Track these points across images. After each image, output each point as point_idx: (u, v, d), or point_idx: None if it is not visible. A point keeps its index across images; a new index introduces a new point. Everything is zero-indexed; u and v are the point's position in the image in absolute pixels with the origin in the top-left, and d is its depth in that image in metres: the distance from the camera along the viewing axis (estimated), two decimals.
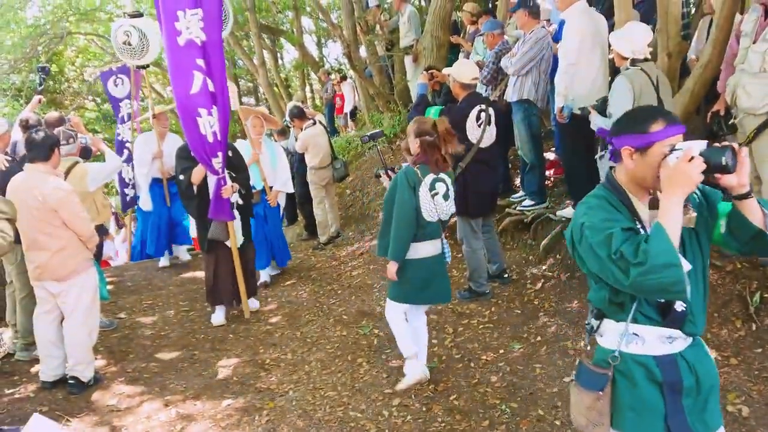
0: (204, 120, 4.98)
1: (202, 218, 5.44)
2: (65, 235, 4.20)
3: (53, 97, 17.78)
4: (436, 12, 9.44)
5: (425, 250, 3.96)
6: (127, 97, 8.15)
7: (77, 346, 4.37)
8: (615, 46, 4.48)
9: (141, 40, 6.70)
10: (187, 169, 5.29)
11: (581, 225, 1.98)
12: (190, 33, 4.82)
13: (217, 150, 5.12)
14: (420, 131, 3.95)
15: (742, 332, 3.77)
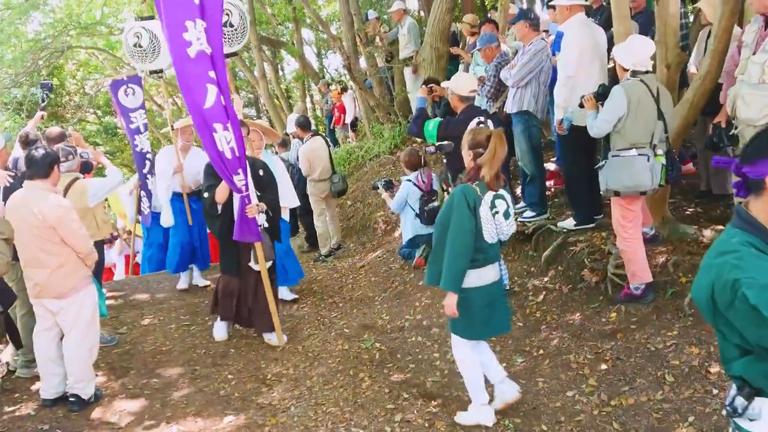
0: (220, 135, 4.65)
1: (225, 239, 5.12)
2: (64, 252, 4.19)
3: (54, 111, 17.86)
4: (435, 23, 9.50)
5: (488, 276, 3.60)
6: (141, 107, 7.80)
7: (77, 364, 4.35)
8: (617, 57, 4.48)
9: (152, 41, 6.43)
10: (212, 186, 5.03)
11: (734, 282, 1.60)
12: (201, 44, 4.54)
13: (237, 167, 4.77)
14: (474, 142, 3.59)
15: None
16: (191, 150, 6.86)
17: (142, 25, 6.43)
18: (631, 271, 4.53)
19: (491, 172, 3.48)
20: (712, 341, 3.85)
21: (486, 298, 3.57)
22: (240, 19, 5.78)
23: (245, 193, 4.86)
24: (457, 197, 3.47)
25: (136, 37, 6.38)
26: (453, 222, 3.44)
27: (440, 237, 3.53)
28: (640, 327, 4.31)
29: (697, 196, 5.80)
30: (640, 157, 4.29)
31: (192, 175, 6.73)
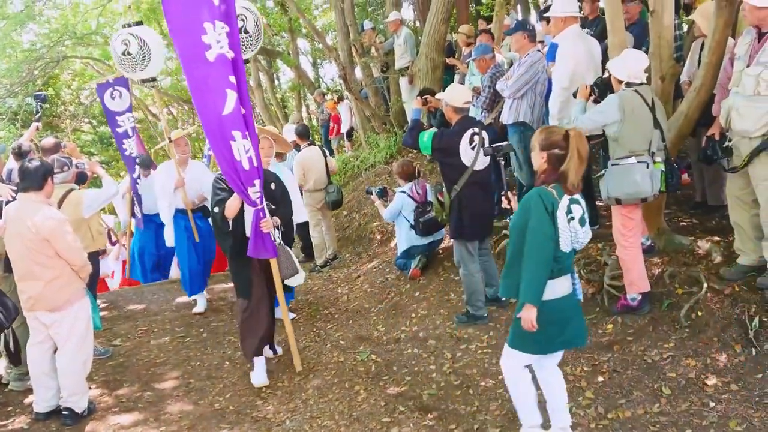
0: (238, 144, 4.34)
1: (238, 257, 4.77)
2: (58, 265, 4.17)
3: (50, 121, 17.84)
4: (430, 34, 9.53)
5: (560, 289, 3.28)
6: (128, 110, 7.66)
7: (71, 377, 4.32)
8: (612, 70, 4.53)
9: (141, 48, 6.08)
10: (222, 201, 4.66)
11: None
12: (221, 47, 4.26)
13: (254, 178, 4.47)
14: (548, 143, 3.26)
15: (741, 357, 3.74)
16: (189, 163, 6.63)
17: (129, 31, 6.13)
18: (629, 281, 4.52)
19: (577, 176, 3.19)
20: (708, 353, 3.85)
21: (556, 313, 3.24)
22: (255, 25, 5.69)
23: (260, 206, 4.56)
24: (534, 201, 3.17)
25: (124, 45, 6.08)
26: (531, 228, 3.14)
27: (516, 245, 3.24)
28: (636, 339, 4.29)
29: (692, 207, 5.81)
30: (639, 164, 4.31)
31: (195, 189, 6.50)
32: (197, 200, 6.57)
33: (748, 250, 4.24)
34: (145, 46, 6.07)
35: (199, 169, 6.72)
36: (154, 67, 6.27)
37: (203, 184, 6.40)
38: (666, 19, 4.60)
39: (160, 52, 6.30)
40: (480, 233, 5.30)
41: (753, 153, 3.88)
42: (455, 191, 5.11)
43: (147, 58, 6.12)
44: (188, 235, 6.51)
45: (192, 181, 6.47)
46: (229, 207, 4.61)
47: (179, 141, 6.53)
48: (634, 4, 5.91)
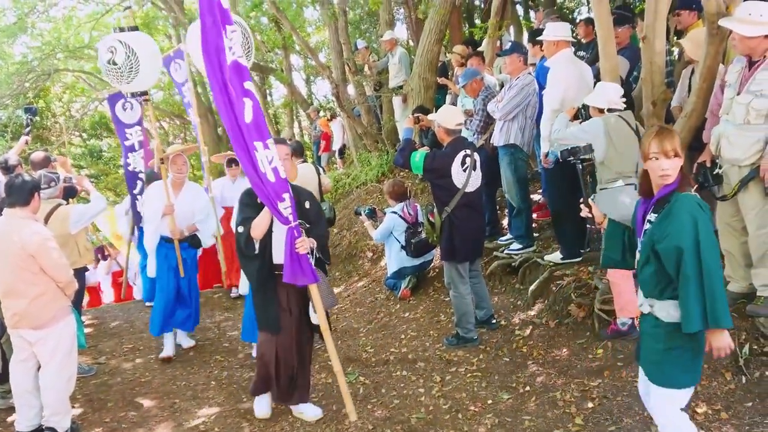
0: (261, 155, 3.94)
1: (264, 287, 4.17)
2: (43, 282, 4.11)
3: (39, 134, 17.74)
4: (424, 54, 9.59)
5: None
6: (138, 123, 7.53)
7: (54, 396, 4.24)
8: (590, 102, 4.64)
9: (128, 58, 5.30)
10: (248, 219, 4.09)
11: None
12: (234, 53, 3.95)
13: (282, 191, 3.98)
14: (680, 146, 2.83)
15: (732, 385, 3.72)
16: (185, 186, 5.92)
17: (117, 38, 5.40)
18: (619, 305, 4.51)
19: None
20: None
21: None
22: (244, 39, 5.00)
23: (293, 223, 4.02)
24: (701, 211, 2.68)
25: (110, 53, 5.34)
26: (707, 242, 2.64)
27: (693, 266, 2.63)
28: (626, 364, 4.27)
29: None
30: (627, 186, 4.35)
31: (185, 217, 5.83)
32: (186, 230, 5.87)
33: (738, 277, 4.24)
34: (133, 55, 5.33)
35: (194, 193, 6.00)
36: (143, 80, 5.53)
37: (196, 212, 5.92)
38: (657, 45, 4.64)
39: (152, 64, 5.55)
40: (471, 255, 5.28)
41: (743, 182, 3.89)
42: (446, 212, 5.10)
43: (134, 70, 5.38)
44: (169, 266, 5.80)
45: (183, 207, 5.80)
46: (256, 226, 4.05)
47: (176, 158, 5.83)
48: (625, 29, 5.96)
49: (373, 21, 15.43)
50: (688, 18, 5.61)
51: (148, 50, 5.50)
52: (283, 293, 4.17)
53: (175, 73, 7.71)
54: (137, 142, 7.50)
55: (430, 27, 9.56)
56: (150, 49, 5.56)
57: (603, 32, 4.90)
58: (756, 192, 3.89)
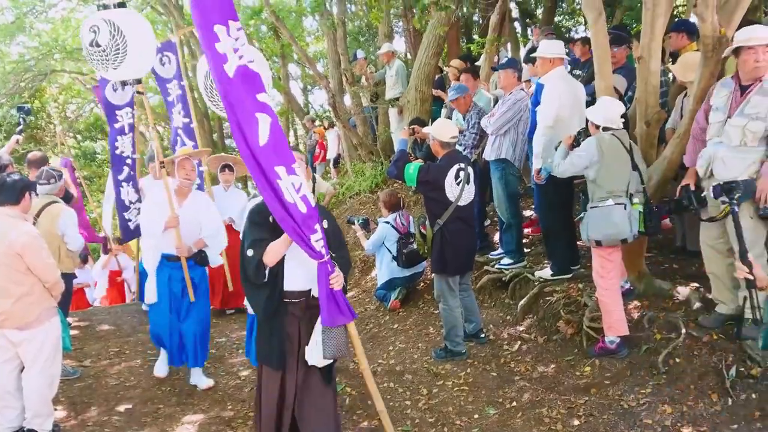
0: (285, 183, 3.27)
1: (271, 319, 3.51)
2: (29, 282, 4.07)
3: (34, 134, 17.68)
4: (421, 67, 9.66)
5: None
6: (129, 104, 7.05)
7: (36, 398, 4.19)
8: (589, 116, 4.68)
9: (113, 38, 4.50)
10: (260, 242, 3.42)
11: None
12: (240, 57, 3.20)
13: (314, 221, 3.35)
14: None
15: (717, 407, 3.72)
16: (192, 195, 5.13)
17: (102, 16, 4.60)
18: (607, 323, 4.52)
19: None
20: (685, 401, 3.82)
21: None
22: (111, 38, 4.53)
23: (326, 258, 3.41)
24: None
25: (92, 33, 4.54)
26: None
27: None
28: (613, 383, 4.27)
29: (672, 252, 5.84)
30: (617, 206, 4.38)
31: (192, 232, 4.99)
32: (195, 246, 5.03)
33: (725, 299, 4.26)
34: (119, 35, 4.52)
35: (200, 203, 5.15)
36: (133, 65, 4.69)
37: (204, 225, 5.08)
38: (653, 65, 4.67)
39: (143, 47, 4.73)
40: (461, 268, 5.28)
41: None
42: (438, 225, 5.10)
43: (121, 53, 4.57)
44: (172, 293, 4.95)
45: (189, 220, 4.96)
46: (271, 252, 3.39)
47: (184, 163, 5.00)
48: (621, 49, 6.00)
49: (372, 33, 15.51)
50: (677, 40, 5.67)
51: (139, 30, 4.71)
52: (293, 325, 3.52)
53: (161, 68, 6.84)
54: (127, 124, 7.02)
55: (428, 41, 9.63)
56: (140, 29, 4.75)
57: (599, 52, 4.93)
58: (747, 213, 3.92)
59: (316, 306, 3.44)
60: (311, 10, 12.48)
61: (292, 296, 3.50)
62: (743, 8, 4.16)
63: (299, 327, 3.51)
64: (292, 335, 3.50)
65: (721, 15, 4.18)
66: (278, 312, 3.49)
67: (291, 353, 3.50)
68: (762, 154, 3.85)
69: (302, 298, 3.51)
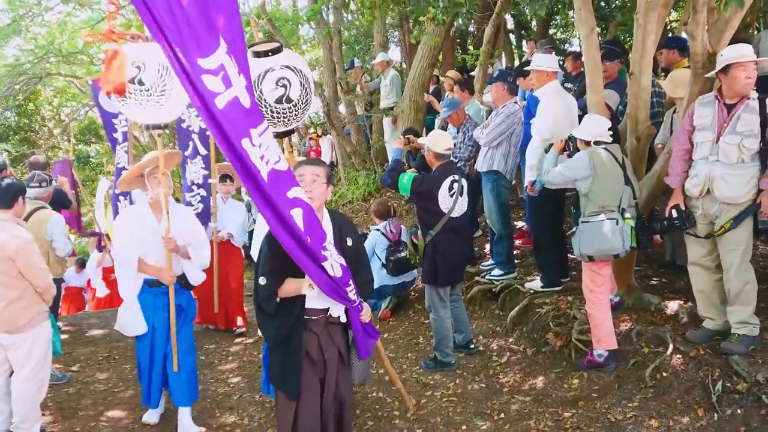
0: (332, 260, 3.18)
1: (283, 347, 3.31)
2: (21, 286, 4.07)
3: (27, 136, 17.66)
4: (415, 77, 9.75)
5: None
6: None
7: (24, 402, 4.18)
8: (577, 134, 4.70)
9: (161, 77, 3.90)
10: (276, 274, 3.26)
11: None
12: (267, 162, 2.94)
13: (348, 277, 3.29)
14: None
15: (703, 422, 3.74)
16: (171, 207, 4.43)
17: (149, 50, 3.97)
18: (596, 337, 4.54)
19: None
20: (671, 416, 3.85)
21: None
22: (302, 91, 3.70)
23: (356, 302, 3.34)
24: None
25: (137, 69, 3.89)
26: None
27: None
28: (601, 396, 4.29)
29: (661, 266, 5.88)
30: (609, 221, 4.39)
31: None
32: (180, 269, 4.46)
33: (712, 315, 4.30)
34: (167, 74, 3.89)
35: (179, 216, 4.50)
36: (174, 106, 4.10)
37: (187, 237, 4.45)
38: (644, 81, 4.72)
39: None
40: (452, 279, 5.30)
41: (739, 219, 3.95)
42: (431, 236, 5.12)
43: (167, 93, 3.95)
44: (155, 320, 4.39)
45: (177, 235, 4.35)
46: (290, 290, 3.29)
47: (155, 172, 4.35)
48: (613, 64, 6.06)
49: (367, 42, 15.56)
50: (669, 56, 5.76)
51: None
52: (312, 343, 3.35)
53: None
54: (122, 133, 6.71)
55: (423, 52, 9.72)
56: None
57: (590, 66, 4.98)
58: (746, 229, 3.97)
59: (335, 323, 3.41)
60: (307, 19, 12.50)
61: (312, 313, 3.36)
62: (733, 27, 4.21)
63: (319, 343, 3.37)
64: (312, 356, 3.34)
65: (711, 33, 4.25)
66: (291, 341, 3.29)
67: (311, 372, 3.35)
68: (756, 169, 3.93)
69: (321, 316, 3.38)
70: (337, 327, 3.43)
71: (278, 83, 3.60)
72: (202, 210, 6.42)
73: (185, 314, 4.50)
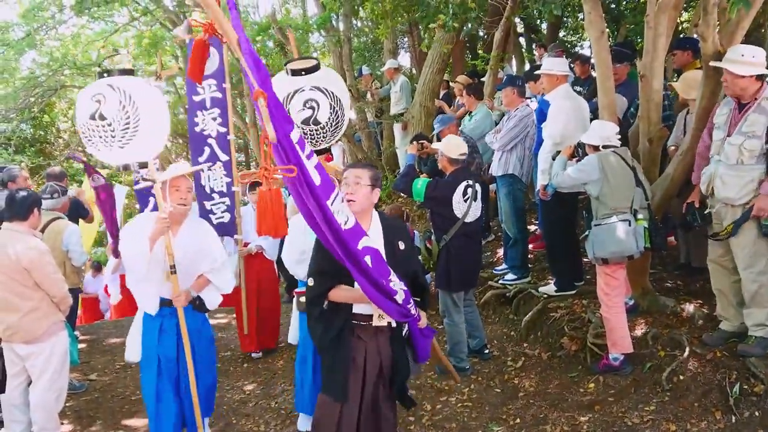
0: (400, 294, 3.13)
1: (332, 350, 3.23)
2: (37, 296, 4.13)
3: (43, 148, 17.87)
4: (426, 83, 9.77)
5: None
6: None
7: (43, 412, 4.24)
8: (585, 140, 4.70)
9: (124, 109, 3.44)
10: (326, 275, 3.21)
11: None
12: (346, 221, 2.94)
13: (409, 298, 3.22)
14: None
15: (721, 425, 3.71)
16: (188, 222, 3.97)
17: (107, 82, 3.55)
18: (612, 340, 4.52)
19: None
20: (688, 419, 3.82)
21: None
22: (330, 114, 3.63)
23: (414, 314, 3.26)
24: None
25: (96, 103, 3.45)
26: None
27: None
28: (617, 400, 4.26)
29: (676, 269, 5.84)
30: (621, 222, 4.38)
31: (190, 269, 3.90)
32: (195, 289, 3.92)
33: (730, 316, 4.27)
34: (131, 106, 3.46)
35: (200, 232, 4.03)
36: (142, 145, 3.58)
37: (202, 258, 3.95)
38: (655, 83, 4.71)
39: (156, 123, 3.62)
40: (466, 284, 5.30)
41: (737, 223, 3.93)
42: (444, 241, 5.12)
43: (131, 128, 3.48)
44: (163, 346, 3.83)
45: (186, 255, 3.84)
46: (343, 297, 3.22)
47: (178, 182, 3.82)
48: (622, 66, 6.05)
49: (377, 49, 15.60)
50: (682, 58, 5.74)
51: (153, 101, 3.63)
52: (359, 348, 3.27)
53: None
54: None
55: (432, 57, 9.74)
56: (155, 100, 3.68)
57: (602, 69, 4.97)
58: (750, 232, 3.93)
59: (384, 330, 3.31)
60: (317, 27, 12.56)
61: (361, 319, 3.27)
62: (744, 28, 4.19)
63: (365, 353, 3.26)
64: (357, 362, 3.24)
65: (722, 34, 4.23)
66: (340, 345, 3.21)
67: (355, 382, 3.24)
68: (760, 172, 3.87)
69: (369, 322, 3.27)
70: (386, 336, 3.32)
71: (306, 105, 3.56)
72: (229, 220, 5.92)
73: (199, 335, 3.98)
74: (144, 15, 15.28)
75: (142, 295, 3.84)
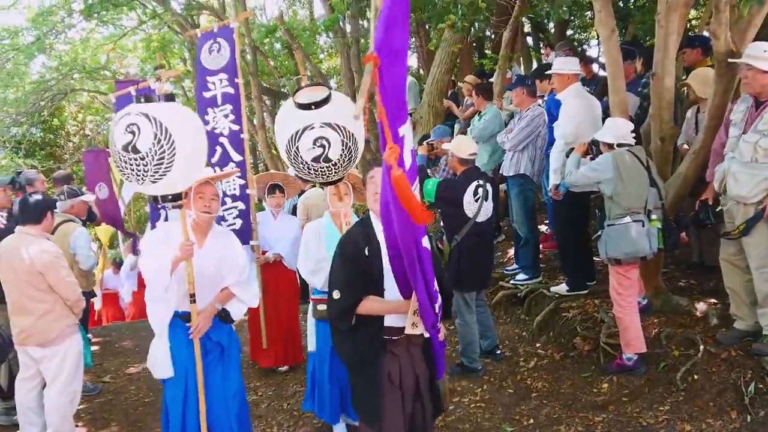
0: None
1: (362, 369, 3.03)
2: (50, 299, 4.15)
3: (52, 151, 17.98)
4: (434, 83, 9.78)
5: None
6: None
7: (57, 415, 4.26)
8: (599, 137, 4.68)
9: (159, 142, 3.18)
10: (353, 287, 2.96)
11: None
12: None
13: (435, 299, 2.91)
14: None
15: (737, 424, 3.69)
16: (213, 233, 3.80)
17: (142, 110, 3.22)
18: (625, 340, 4.51)
19: None
20: (703, 418, 3.80)
21: None
22: (343, 151, 3.46)
23: (439, 326, 3.06)
24: None
25: (130, 134, 3.18)
26: None
27: None
28: (631, 400, 4.25)
29: (689, 267, 5.82)
30: (635, 223, 4.36)
31: (215, 281, 3.75)
32: (220, 301, 3.77)
33: (744, 315, 4.24)
34: (167, 139, 3.20)
35: (224, 241, 3.85)
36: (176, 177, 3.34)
37: (228, 271, 3.79)
38: (667, 81, 4.69)
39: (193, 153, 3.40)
40: (478, 284, 5.29)
41: (750, 222, 3.90)
42: (456, 241, 5.12)
43: (166, 162, 3.22)
44: (188, 361, 3.63)
45: (208, 265, 3.69)
46: (373, 309, 2.98)
47: (204, 189, 3.65)
48: (628, 64, 6.03)
49: None
50: (692, 56, 5.71)
51: (189, 131, 3.35)
52: (393, 363, 3.01)
53: (207, 58, 5.59)
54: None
55: (440, 57, 9.74)
56: (192, 129, 3.40)
57: (612, 68, 4.95)
58: (762, 231, 3.91)
59: (417, 343, 3.08)
60: (325, 29, 12.61)
61: (393, 332, 3.01)
62: (756, 25, 4.17)
63: (400, 367, 3.01)
64: (393, 375, 2.98)
65: (734, 32, 4.20)
66: (370, 363, 2.98)
67: (394, 401, 2.97)
68: None
69: (403, 335, 3.01)
70: (419, 348, 3.09)
71: (316, 143, 3.36)
72: (241, 227, 5.53)
73: (227, 352, 3.79)
74: (152, 18, 15.34)
75: (152, 315, 3.65)
